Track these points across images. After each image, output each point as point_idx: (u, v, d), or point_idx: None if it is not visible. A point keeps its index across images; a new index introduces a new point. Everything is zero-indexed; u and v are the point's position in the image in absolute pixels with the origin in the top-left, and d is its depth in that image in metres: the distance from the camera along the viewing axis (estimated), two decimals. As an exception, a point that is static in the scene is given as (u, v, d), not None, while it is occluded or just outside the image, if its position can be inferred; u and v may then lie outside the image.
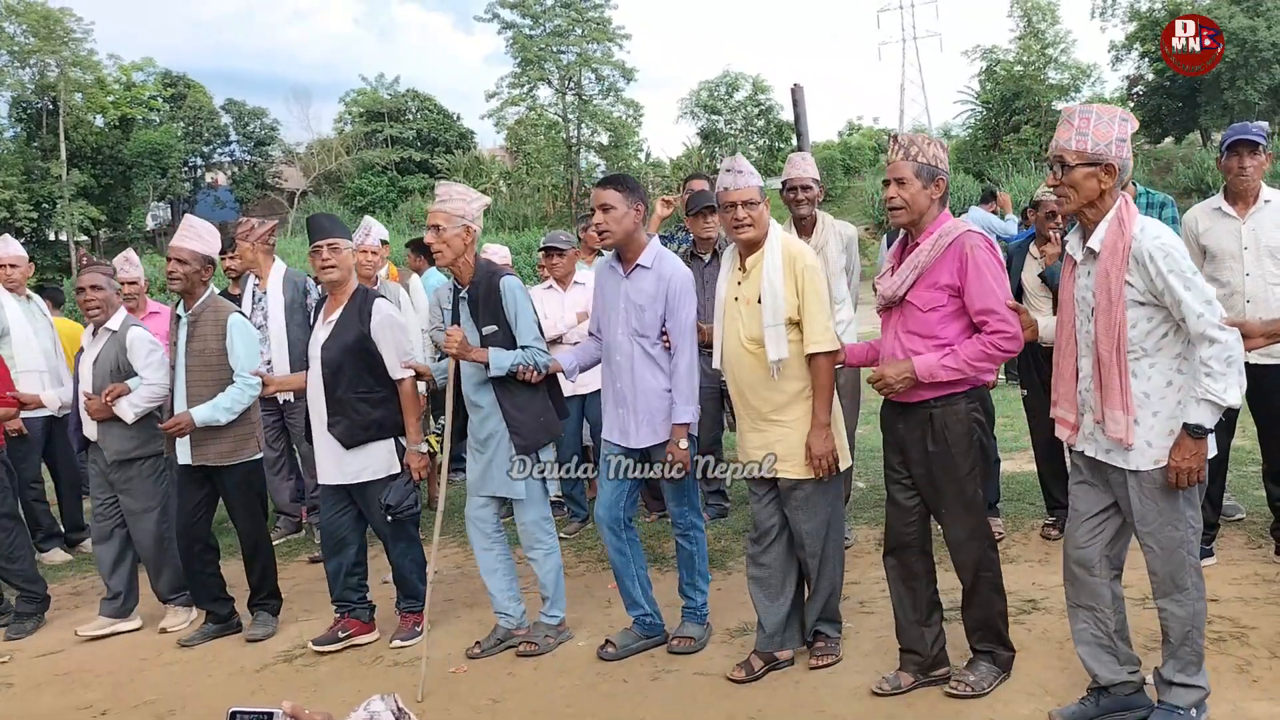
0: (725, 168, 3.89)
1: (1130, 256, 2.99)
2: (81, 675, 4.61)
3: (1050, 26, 39.00)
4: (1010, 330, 3.38)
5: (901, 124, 51.77)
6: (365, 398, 4.42)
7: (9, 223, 33.76)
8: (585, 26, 43.15)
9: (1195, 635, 3.15)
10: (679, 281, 4.09)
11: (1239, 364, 2.94)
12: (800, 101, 7.84)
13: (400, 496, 4.43)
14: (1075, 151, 3.07)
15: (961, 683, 3.60)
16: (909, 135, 3.58)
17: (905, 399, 3.56)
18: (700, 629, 4.33)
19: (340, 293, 4.51)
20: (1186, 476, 3.00)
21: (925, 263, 3.45)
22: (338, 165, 42.02)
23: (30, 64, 37.70)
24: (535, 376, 4.19)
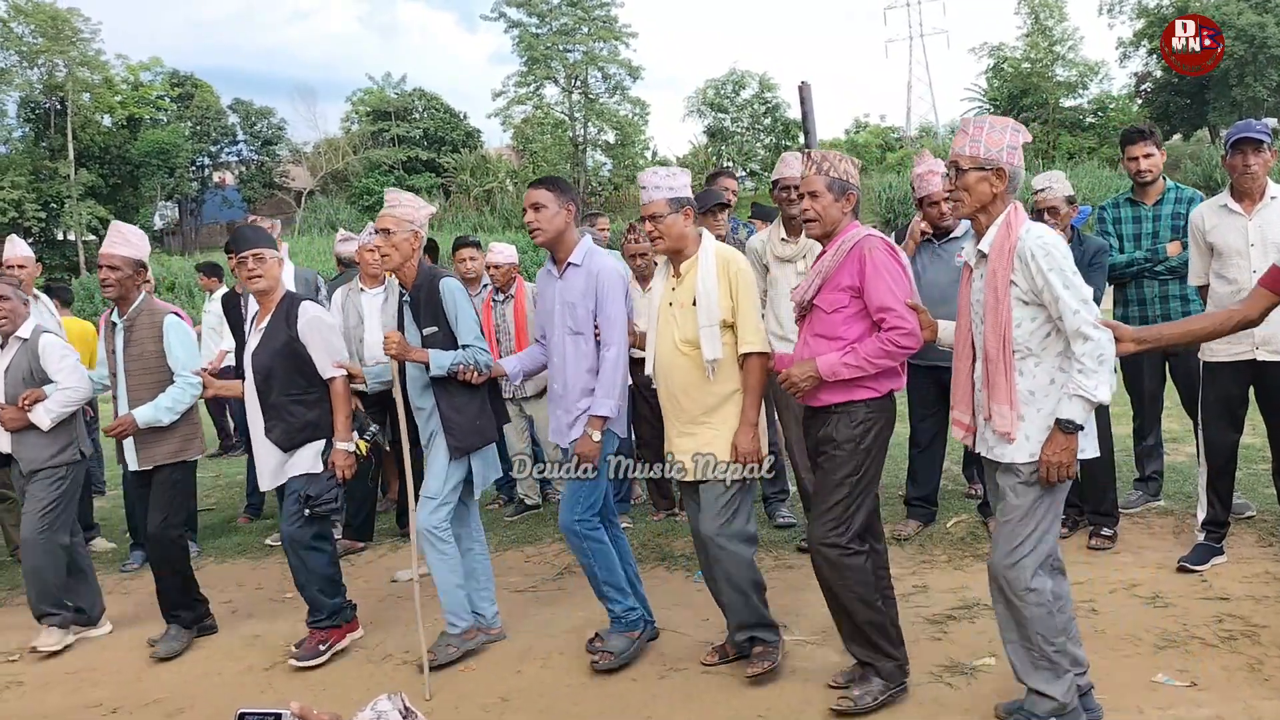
0: (640, 183, 4.03)
1: (1015, 256, 3.10)
2: (90, 674, 4.62)
3: (1058, 23, 38.96)
4: (907, 327, 3.47)
5: (909, 121, 51.67)
6: (299, 400, 4.45)
7: (17, 222, 33.90)
8: (591, 25, 43.19)
9: (1039, 640, 3.16)
10: (607, 276, 4.14)
11: (1110, 362, 3.04)
12: (807, 99, 7.82)
13: (321, 489, 4.39)
14: (969, 156, 3.20)
15: (847, 699, 3.59)
16: (821, 152, 3.72)
17: (814, 402, 3.65)
18: (624, 640, 4.21)
19: (269, 301, 4.55)
20: (1057, 470, 3.08)
21: (829, 267, 3.59)
22: (344, 164, 42.11)
23: (38, 64, 37.87)
24: (476, 377, 4.22)
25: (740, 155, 44.62)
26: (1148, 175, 5.27)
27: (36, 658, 4.84)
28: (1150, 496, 5.62)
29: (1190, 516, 5.10)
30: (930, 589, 4.72)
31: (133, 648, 4.91)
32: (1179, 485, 5.83)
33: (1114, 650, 3.88)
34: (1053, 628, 3.18)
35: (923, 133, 49.76)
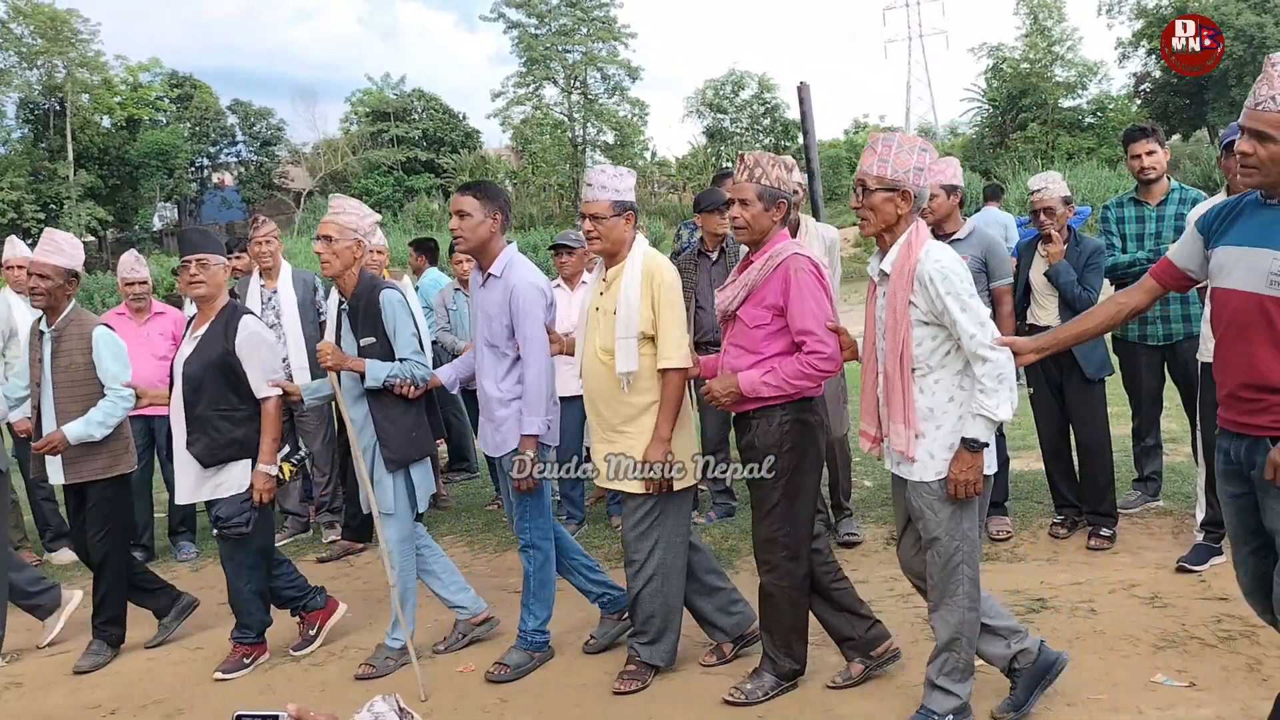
0: (586, 180, 4.00)
1: (914, 278, 3.14)
2: (89, 675, 4.62)
3: (1057, 24, 38.93)
4: (826, 351, 3.48)
5: (908, 122, 51.68)
6: (227, 415, 4.33)
7: (16, 223, 33.88)
8: (590, 25, 43.17)
9: (963, 644, 3.27)
10: (523, 291, 4.05)
11: (1010, 380, 3.09)
12: (806, 100, 7.82)
13: (231, 511, 4.30)
14: (876, 176, 3.22)
15: (738, 690, 3.72)
16: (755, 155, 3.65)
17: (735, 410, 3.71)
18: (524, 656, 4.23)
19: (209, 308, 4.44)
20: (964, 488, 3.15)
21: (755, 280, 3.58)
22: (344, 165, 42.07)
23: (38, 65, 37.84)
24: (411, 391, 4.20)
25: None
26: (1150, 173, 5.25)
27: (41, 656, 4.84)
28: (1149, 497, 5.63)
29: (1189, 517, 5.10)
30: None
31: (131, 649, 4.90)
32: (1178, 485, 5.83)
33: (1113, 650, 3.88)
34: (976, 634, 3.31)
35: (922, 133, 49.77)
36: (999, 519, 5.37)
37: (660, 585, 3.91)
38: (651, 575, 3.90)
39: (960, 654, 3.29)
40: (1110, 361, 5.18)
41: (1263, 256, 2.67)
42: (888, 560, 5.17)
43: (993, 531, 5.29)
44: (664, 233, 30.66)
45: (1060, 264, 5.00)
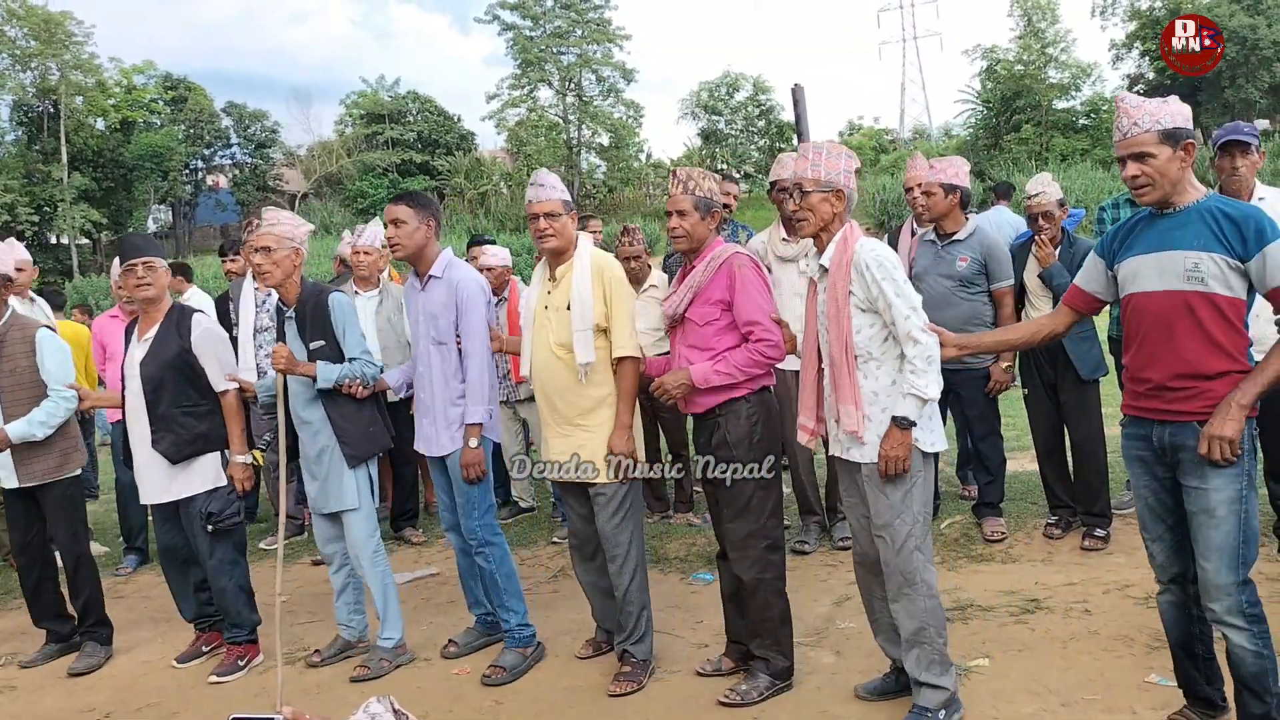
0: (531, 181, 4.11)
1: (852, 267, 3.37)
2: (84, 678, 4.61)
3: (1050, 26, 39.01)
4: (773, 339, 3.68)
5: (902, 123, 51.78)
6: (190, 411, 4.45)
7: (10, 226, 33.78)
8: (585, 28, 43.18)
9: (931, 633, 3.37)
10: (467, 287, 4.21)
11: (937, 363, 3.30)
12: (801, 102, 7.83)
13: (222, 505, 4.45)
14: (812, 179, 3.46)
15: (734, 692, 3.76)
16: (686, 171, 3.87)
17: (694, 409, 3.83)
18: (518, 656, 4.28)
19: (155, 310, 4.54)
20: (893, 464, 3.30)
21: (701, 282, 3.76)
22: (339, 167, 42.04)
23: (31, 67, 37.74)
24: (361, 391, 4.31)
25: (734, 158, 44.65)
26: None
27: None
28: (1143, 497, 5.62)
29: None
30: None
31: (127, 652, 4.90)
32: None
33: (1107, 651, 3.89)
34: (942, 620, 3.41)
35: (916, 135, 49.87)
36: (993, 520, 5.38)
37: (641, 580, 4.06)
38: (634, 569, 4.03)
39: (931, 644, 3.37)
40: (1105, 362, 5.19)
41: (1174, 258, 2.92)
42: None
43: (987, 532, 5.30)
44: (659, 234, 30.69)
45: (1055, 266, 5.02)
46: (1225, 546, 2.88)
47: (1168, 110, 2.92)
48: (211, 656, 4.72)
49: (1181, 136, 2.90)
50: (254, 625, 4.63)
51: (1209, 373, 2.88)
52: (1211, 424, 2.84)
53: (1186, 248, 2.90)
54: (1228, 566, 2.88)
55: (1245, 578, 2.90)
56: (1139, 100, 2.95)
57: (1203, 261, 2.87)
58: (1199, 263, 2.87)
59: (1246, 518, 2.88)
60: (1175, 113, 2.92)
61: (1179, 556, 3.09)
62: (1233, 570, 2.88)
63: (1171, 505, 3.06)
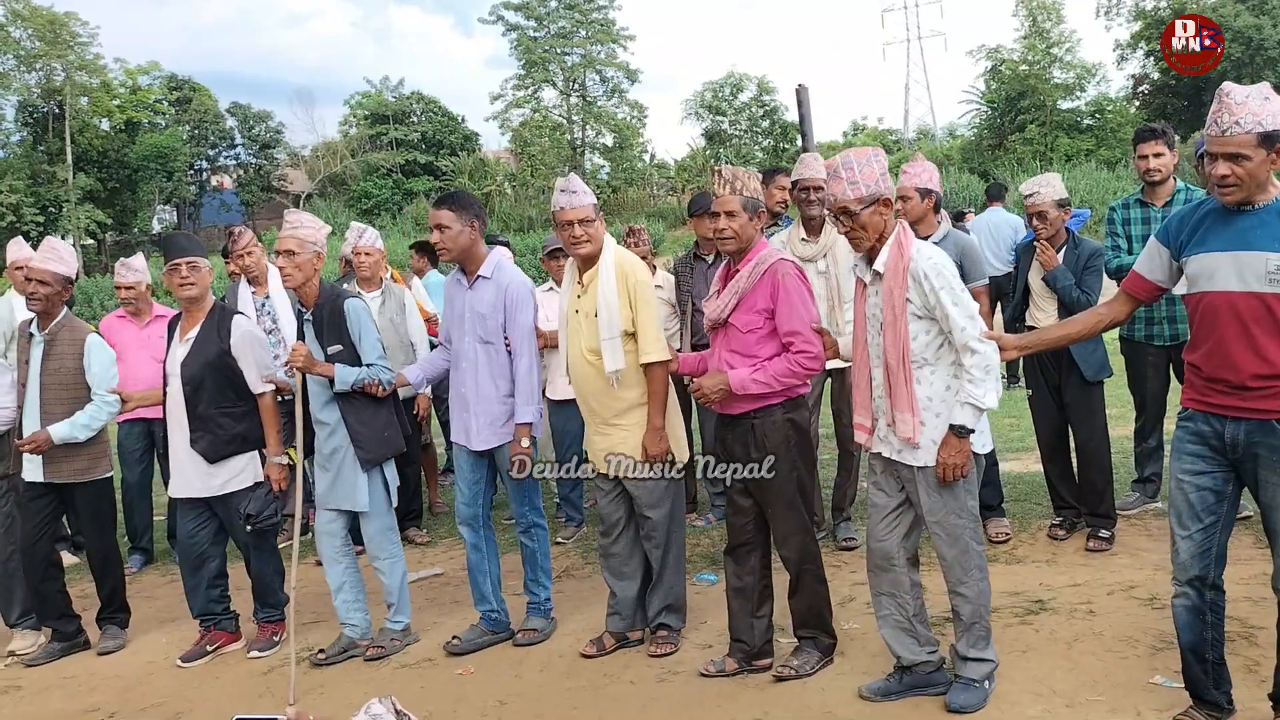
0: (560, 188, 4.15)
1: (909, 275, 3.36)
2: (89, 679, 4.62)
3: (1055, 26, 38.93)
4: (813, 350, 3.73)
5: (906, 124, 51.72)
6: (228, 412, 4.56)
7: (15, 226, 33.84)
8: (589, 28, 43.19)
9: (984, 613, 3.53)
10: (515, 289, 4.32)
11: (996, 372, 3.34)
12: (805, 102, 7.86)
13: (261, 506, 4.55)
14: (855, 199, 3.41)
15: (788, 667, 3.92)
16: (731, 170, 3.87)
17: (729, 411, 3.90)
18: (544, 622, 4.59)
19: (198, 310, 4.64)
20: (952, 471, 3.37)
21: (745, 288, 3.79)
22: (343, 168, 42.08)
23: (36, 68, 37.82)
24: (380, 391, 4.39)
25: (738, 158, 44.63)
26: (1156, 175, 5.25)
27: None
28: (1148, 498, 5.63)
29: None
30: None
31: (131, 652, 4.91)
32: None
33: (1111, 652, 3.89)
34: (989, 598, 3.55)
35: (920, 135, 49.82)
36: (998, 521, 5.37)
37: (678, 562, 4.27)
38: (668, 550, 4.22)
39: (982, 623, 3.53)
40: (1109, 364, 5.18)
41: (1256, 259, 2.87)
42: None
43: (992, 534, 5.30)
44: (663, 234, 30.71)
45: (1059, 269, 5.01)
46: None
47: (1270, 110, 2.80)
48: (215, 656, 4.73)
49: (1277, 138, 2.81)
50: (284, 603, 4.76)
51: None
52: None
53: (1268, 249, 2.85)
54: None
55: None
56: (1244, 96, 2.82)
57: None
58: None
59: None
60: (1275, 111, 2.80)
61: (1203, 558, 3.11)
62: None
63: (1213, 504, 3.08)
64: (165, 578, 6.08)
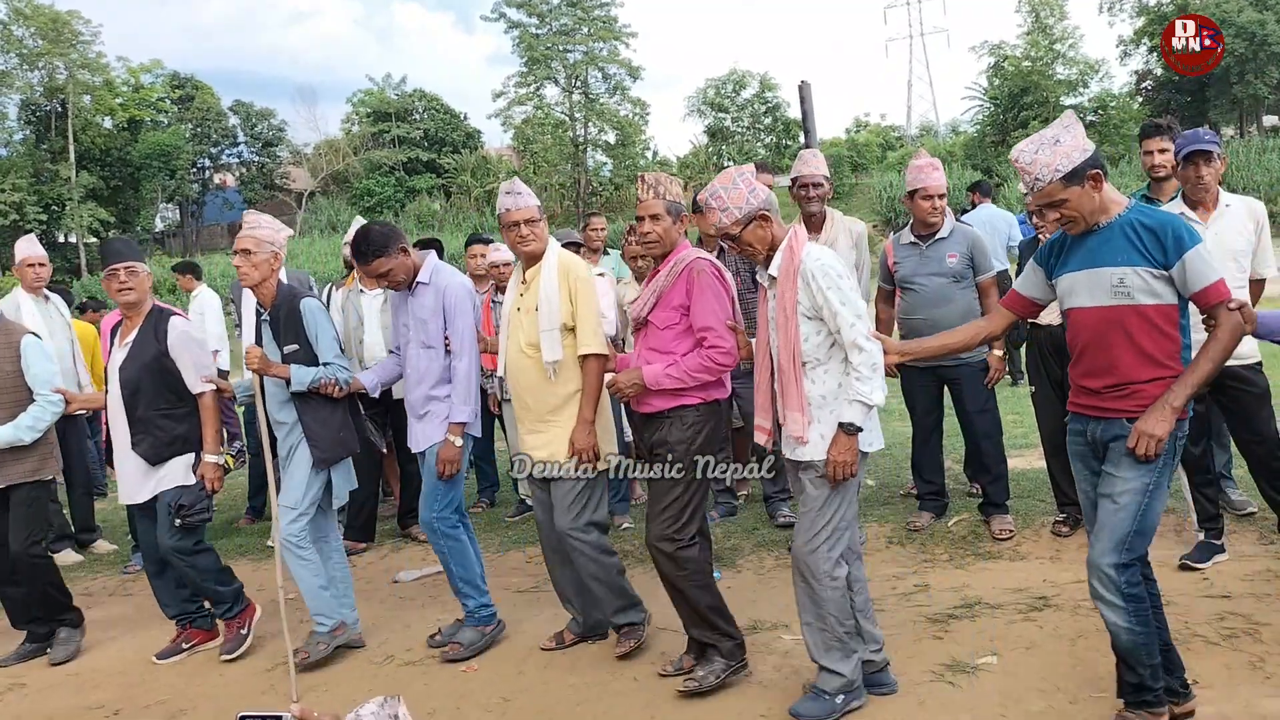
0: (505, 190, 4.25)
1: (799, 276, 3.44)
2: (93, 675, 4.63)
3: (1058, 22, 38.92)
4: (725, 346, 3.77)
5: (909, 120, 51.68)
6: (167, 414, 4.52)
7: (19, 224, 33.93)
8: (591, 25, 43.17)
9: (832, 621, 3.50)
10: (453, 292, 4.37)
11: (882, 369, 3.40)
12: (807, 99, 7.83)
13: (194, 499, 4.49)
14: (732, 224, 3.54)
15: (691, 679, 3.84)
16: (655, 175, 3.96)
17: (646, 409, 3.92)
18: (474, 634, 4.45)
19: (136, 314, 4.62)
20: (841, 469, 3.41)
21: (664, 286, 3.87)
22: (345, 166, 42.10)
23: (39, 67, 37.89)
24: (337, 391, 4.40)
25: (741, 155, 44.61)
26: (1161, 171, 5.24)
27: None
28: (1151, 495, 5.61)
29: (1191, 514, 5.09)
30: (932, 588, 4.72)
31: (134, 650, 4.91)
32: (1180, 483, 5.82)
33: (1116, 648, 3.88)
34: (845, 610, 3.53)
35: (923, 132, 49.77)
36: (1001, 518, 5.37)
37: (604, 562, 4.20)
38: (596, 556, 4.17)
39: (831, 631, 3.50)
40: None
41: (1101, 275, 3.09)
42: (890, 559, 5.18)
43: (995, 530, 5.29)
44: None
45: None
46: (1116, 530, 3.09)
47: (1061, 152, 3.02)
48: (192, 653, 4.76)
49: (1082, 172, 3.02)
50: (238, 592, 4.71)
51: (1141, 379, 3.07)
52: (1144, 420, 3.02)
53: (1112, 264, 3.06)
54: (1113, 548, 3.08)
55: (1128, 561, 3.09)
56: (1032, 155, 3.06)
57: (1127, 276, 3.04)
58: (1124, 278, 3.04)
59: (1144, 513, 3.08)
60: (1068, 152, 3.02)
61: None
62: (1116, 552, 3.08)
63: None
64: (169, 575, 6.08)
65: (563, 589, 4.46)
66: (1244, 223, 4.67)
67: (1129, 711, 3.21)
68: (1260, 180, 29.88)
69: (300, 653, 4.38)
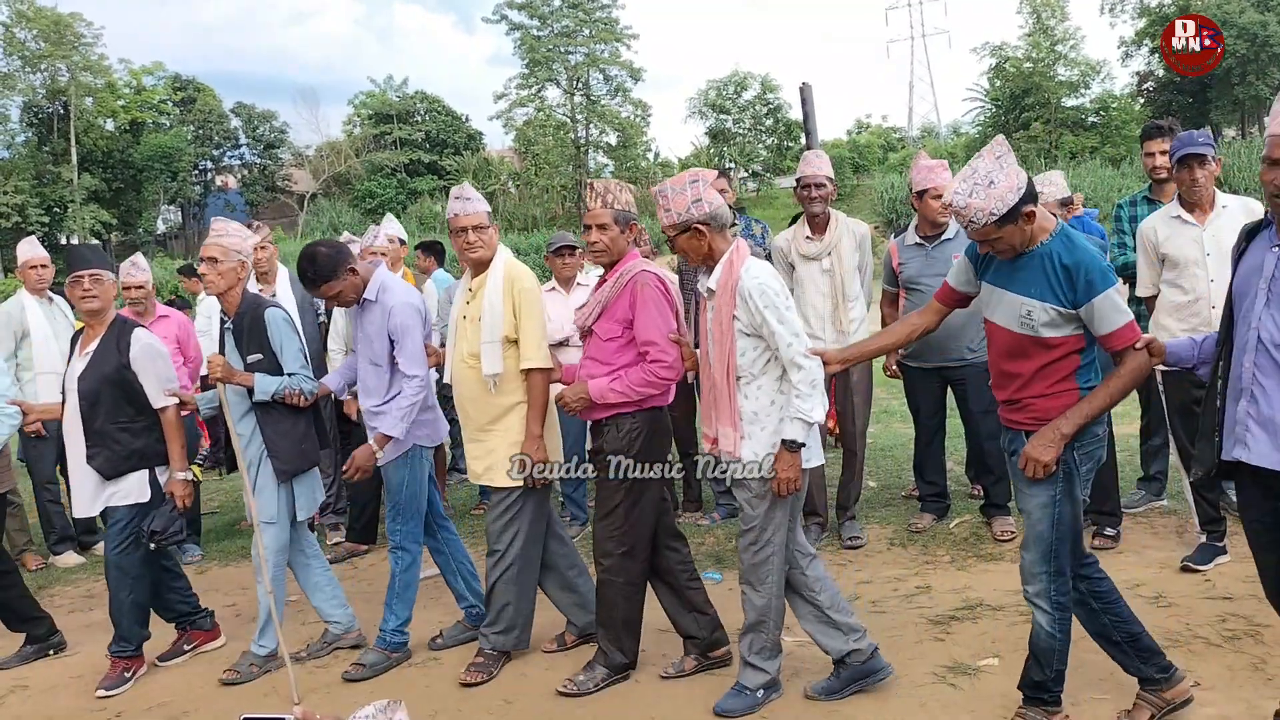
0: (455, 195, 4.21)
1: (736, 294, 3.47)
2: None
3: (1060, 23, 38.92)
4: (667, 360, 3.79)
5: (911, 122, 51.66)
6: (126, 428, 4.39)
7: (21, 226, 33.94)
8: (593, 27, 43.21)
9: (770, 626, 3.63)
10: (400, 314, 4.27)
11: (821, 386, 3.44)
12: (809, 100, 7.84)
13: (166, 523, 4.38)
14: (668, 226, 3.61)
15: (571, 681, 3.96)
16: (604, 183, 3.94)
17: (591, 418, 3.97)
18: (379, 655, 4.39)
19: (99, 323, 4.49)
20: (786, 485, 3.47)
21: (609, 297, 3.87)
22: (347, 167, 42.13)
23: (41, 69, 37.93)
24: (302, 401, 4.35)
25: (742, 156, 44.65)
26: (1163, 172, 5.26)
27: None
28: (1153, 496, 5.62)
29: (1193, 516, 5.09)
30: (933, 589, 4.72)
31: (137, 651, 4.91)
32: (1182, 485, 5.82)
33: (1117, 650, 3.87)
34: (781, 616, 3.66)
35: (925, 133, 49.75)
36: (1003, 519, 5.37)
37: (516, 574, 4.18)
38: (509, 565, 4.16)
39: (767, 634, 3.63)
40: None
41: (1013, 302, 3.18)
42: (891, 560, 5.17)
43: (996, 532, 5.29)
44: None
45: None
46: (1039, 543, 3.21)
47: (995, 195, 3.05)
48: (194, 654, 4.75)
49: (1017, 213, 3.05)
50: (142, 641, 4.58)
51: (1033, 395, 3.18)
52: (1031, 444, 3.13)
53: (1024, 294, 3.14)
54: (1041, 559, 3.21)
55: (1057, 569, 3.21)
56: (965, 200, 3.10)
57: (1035, 310, 3.12)
58: (1032, 310, 3.12)
59: (1058, 521, 3.18)
60: (1002, 195, 3.04)
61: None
62: (1045, 562, 3.21)
63: None
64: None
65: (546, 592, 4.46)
66: (1241, 221, 4.66)
67: (1025, 708, 3.36)
68: (1262, 181, 29.83)
69: (230, 671, 4.40)
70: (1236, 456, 2.88)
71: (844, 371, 5.27)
